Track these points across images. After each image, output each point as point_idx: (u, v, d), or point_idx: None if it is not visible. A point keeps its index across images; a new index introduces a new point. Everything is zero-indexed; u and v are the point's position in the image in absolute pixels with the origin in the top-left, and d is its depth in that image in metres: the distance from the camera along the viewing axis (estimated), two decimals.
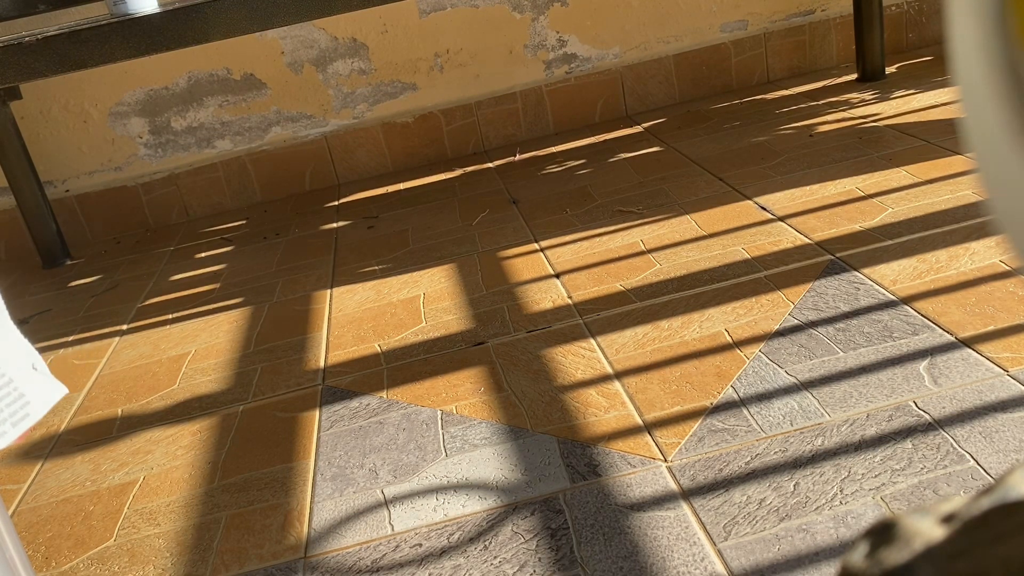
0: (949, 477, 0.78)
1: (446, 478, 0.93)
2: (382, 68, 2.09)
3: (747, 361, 1.03)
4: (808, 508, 0.78)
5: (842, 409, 0.90)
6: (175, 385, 1.26)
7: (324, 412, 1.11)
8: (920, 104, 1.83)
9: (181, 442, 1.11)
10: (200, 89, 2.05)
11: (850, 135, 1.72)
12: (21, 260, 2.02)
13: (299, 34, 2.04)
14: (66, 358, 1.44)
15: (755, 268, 1.25)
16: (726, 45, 2.20)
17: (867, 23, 2.00)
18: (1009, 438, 0.81)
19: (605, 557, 0.78)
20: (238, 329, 1.41)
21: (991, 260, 1.14)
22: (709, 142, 1.87)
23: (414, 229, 1.71)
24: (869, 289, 1.13)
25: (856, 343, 1.01)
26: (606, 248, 1.43)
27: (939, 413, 0.87)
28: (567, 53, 2.15)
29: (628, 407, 0.99)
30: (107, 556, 0.92)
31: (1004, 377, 0.90)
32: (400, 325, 1.31)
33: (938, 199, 1.35)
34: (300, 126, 2.11)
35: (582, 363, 1.10)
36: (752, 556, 0.74)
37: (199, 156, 2.10)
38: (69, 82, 1.99)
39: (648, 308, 1.21)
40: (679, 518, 0.80)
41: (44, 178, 2.05)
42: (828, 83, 2.12)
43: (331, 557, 0.85)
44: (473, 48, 2.11)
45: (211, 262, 1.78)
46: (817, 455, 0.85)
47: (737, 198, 1.52)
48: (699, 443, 0.90)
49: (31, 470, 1.11)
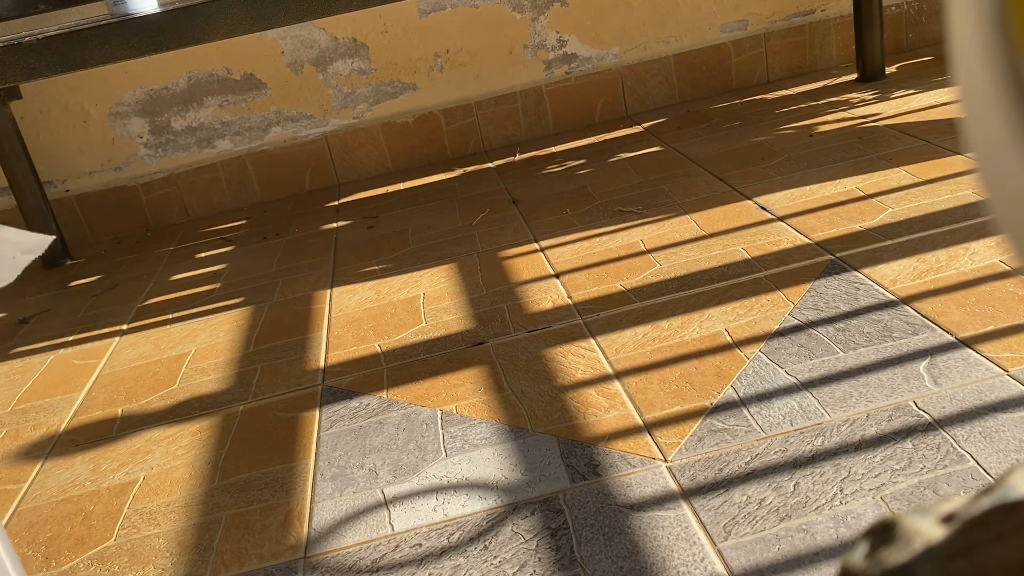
0: (949, 477, 0.78)
1: (446, 478, 0.93)
2: (382, 68, 2.09)
3: (747, 361, 1.03)
4: (808, 508, 0.78)
5: (842, 409, 0.90)
6: (175, 385, 1.26)
7: (324, 412, 1.11)
8: (920, 104, 1.83)
9: (181, 442, 1.11)
10: (200, 89, 2.05)
11: (850, 135, 1.72)
12: None
13: (299, 34, 2.04)
14: (66, 358, 1.44)
15: (755, 268, 1.25)
16: (726, 45, 2.20)
17: (867, 23, 2.00)
18: (1009, 438, 0.81)
19: (605, 557, 0.78)
20: (238, 329, 1.41)
21: (991, 260, 1.14)
22: (709, 142, 1.87)
23: (414, 229, 1.71)
24: (869, 289, 1.13)
25: (856, 343, 1.01)
26: (606, 248, 1.43)
27: (939, 413, 0.87)
28: (567, 53, 2.15)
29: (628, 407, 0.99)
30: (107, 556, 0.92)
31: (1004, 377, 0.90)
32: (400, 325, 1.31)
33: (938, 199, 1.35)
34: (300, 126, 2.11)
35: (582, 363, 1.10)
36: (752, 556, 0.74)
37: (199, 156, 2.10)
38: (69, 82, 1.99)
39: (648, 308, 1.21)
40: (679, 518, 0.80)
41: (44, 178, 2.05)
42: (828, 83, 2.12)
43: (331, 557, 0.85)
44: (473, 48, 2.11)
45: (211, 262, 1.78)
46: (817, 455, 0.85)
47: (737, 198, 1.52)
48: (699, 443, 0.90)
49: (31, 470, 1.11)
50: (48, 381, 1.37)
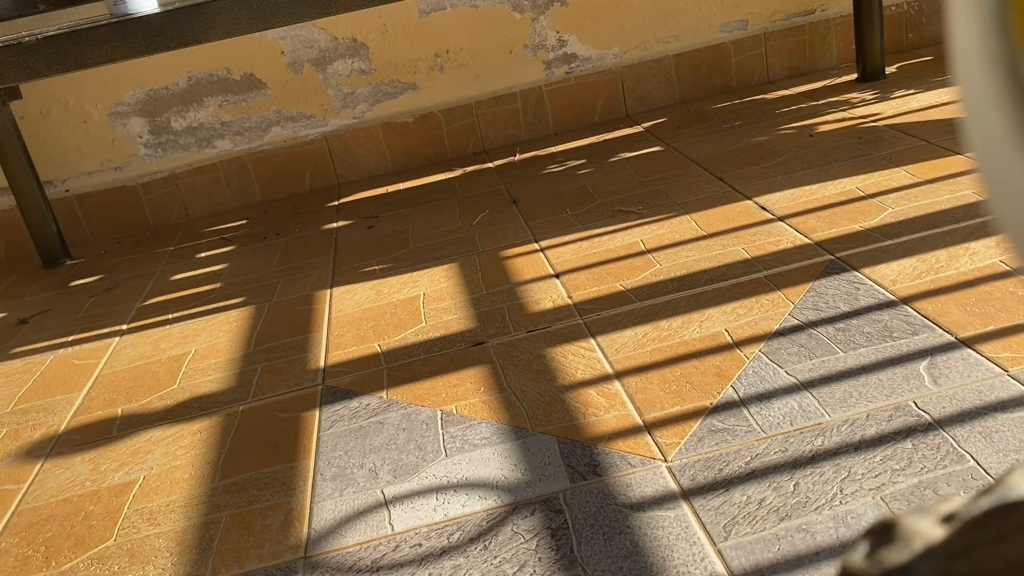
0: (949, 477, 0.78)
1: (446, 478, 0.93)
2: (382, 68, 2.09)
3: (747, 361, 1.03)
4: (808, 508, 0.78)
5: (842, 409, 0.90)
6: (175, 385, 1.26)
7: (324, 412, 1.11)
8: (920, 104, 1.83)
9: (181, 442, 1.11)
10: (200, 89, 2.05)
11: (850, 135, 1.72)
12: (21, 260, 2.02)
13: (299, 34, 2.04)
14: (66, 358, 1.44)
15: (755, 268, 1.25)
16: (726, 45, 2.20)
17: (867, 23, 2.00)
18: (1009, 438, 0.81)
19: (605, 557, 0.78)
20: (238, 329, 1.41)
21: (991, 260, 1.14)
22: (709, 142, 1.87)
23: (414, 229, 1.71)
24: (869, 289, 1.13)
25: (856, 343, 1.01)
26: (606, 248, 1.43)
27: (939, 413, 0.87)
28: (567, 53, 2.15)
29: (628, 407, 0.99)
30: (107, 556, 0.92)
31: (1004, 377, 0.90)
32: (400, 325, 1.31)
33: (938, 199, 1.35)
34: (300, 126, 2.11)
35: (582, 363, 1.10)
36: (752, 556, 0.74)
37: (199, 156, 2.10)
38: (69, 82, 1.99)
39: (648, 308, 1.21)
40: (679, 518, 0.80)
41: (44, 178, 2.05)
42: (828, 83, 2.12)
43: (331, 557, 0.85)
44: (473, 48, 2.11)
45: (211, 262, 1.78)
46: (817, 455, 0.85)
47: (737, 198, 1.52)
48: (699, 443, 0.90)
49: (31, 470, 1.11)
50: (48, 381, 1.37)
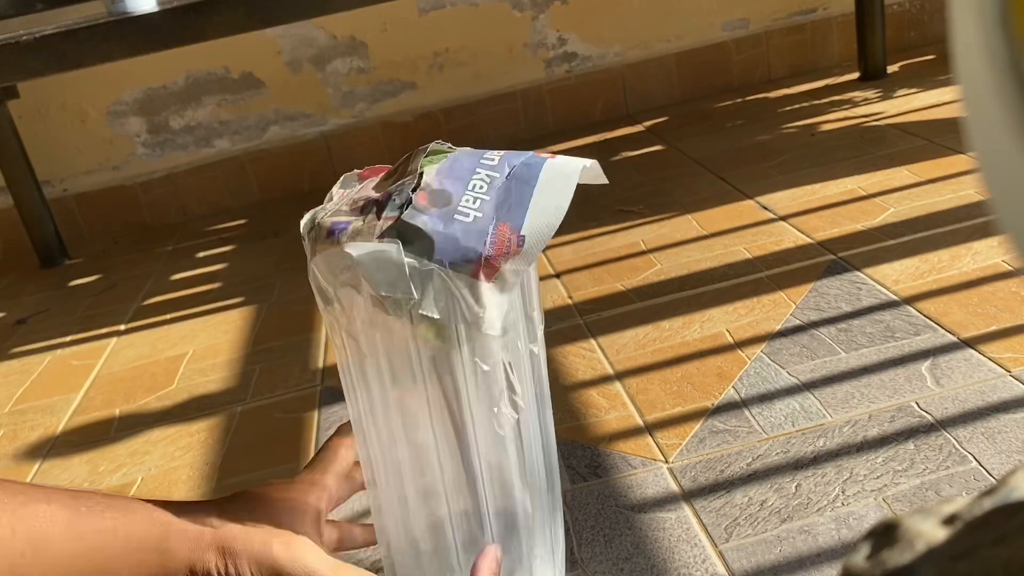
0: (951, 478, 0.78)
1: None
2: (381, 67, 2.09)
3: (748, 362, 1.02)
4: (810, 509, 0.78)
5: (844, 410, 0.90)
6: (173, 385, 1.26)
7: (323, 413, 1.11)
8: (922, 103, 1.82)
9: (179, 443, 1.11)
10: (198, 88, 2.05)
11: (852, 134, 1.72)
12: (19, 260, 2.01)
13: (298, 32, 2.03)
14: (64, 358, 1.44)
15: (756, 268, 1.25)
16: (727, 44, 2.19)
17: (869, 21, 2.00)
18: (1011, 439, 0.81)
19: (606, 558, 0.77)
20: (237, 329, 1.41)
21: (993, 260, 1.14)
22: (710, 141, 1.86)
23: None
24: (871, 289, 1.12)
25: (858, 343, 1.01)
26: (607, 248, 1.43)
27: (941, 414, 0.86)
28: (567, 52, 2.14)
29: (629, 408, 0.98)
30: None
31: (1007, 378, 0.90)
32: None
33: (940, 199, 1.35)
34: (299, 125, 2.10)
35: (582, 363, 1.09)
36: (754, 558, 0.74)
37: (197, 155, 2.09)
38: (67, 81, 1.99)
39: (649, 308, 1.20)
40: (680, 519, 0.80)
41: (42, 177, 2.04)
42: (830, 82, 2.11)
43: None
44: (473, 47, 2.11)
45: (210, 262, 1.78)
46: (819, 456, 0.84)
47: (738, 197, 1.52)
48: (700, 444, 0.89)
49: (29, 471, 1.11)
50: (46, 381, 1.36)
